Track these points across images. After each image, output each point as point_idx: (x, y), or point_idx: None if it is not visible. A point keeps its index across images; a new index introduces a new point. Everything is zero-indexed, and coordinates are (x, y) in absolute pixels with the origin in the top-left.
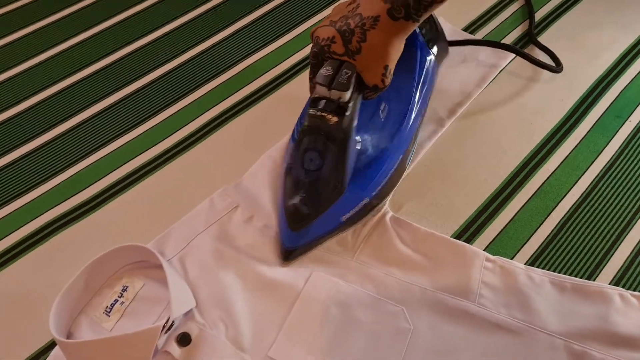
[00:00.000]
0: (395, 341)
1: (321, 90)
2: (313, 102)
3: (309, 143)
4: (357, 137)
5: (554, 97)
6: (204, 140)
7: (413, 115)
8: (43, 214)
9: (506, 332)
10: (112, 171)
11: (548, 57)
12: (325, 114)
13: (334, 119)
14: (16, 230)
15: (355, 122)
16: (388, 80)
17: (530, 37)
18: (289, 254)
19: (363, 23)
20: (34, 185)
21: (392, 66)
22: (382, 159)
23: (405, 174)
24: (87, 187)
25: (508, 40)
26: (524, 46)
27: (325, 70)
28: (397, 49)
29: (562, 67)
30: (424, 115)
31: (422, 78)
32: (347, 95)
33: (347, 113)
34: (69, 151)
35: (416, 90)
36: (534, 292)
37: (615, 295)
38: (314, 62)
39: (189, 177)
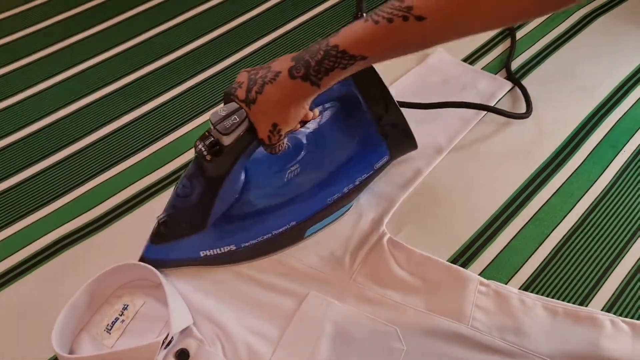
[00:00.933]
0: None
1: (210, 127)
2: (203, 135)
3: (188, 170)
4: (241, 185)
5: (551, 126)
6: None
7: (327, 194)
8: (52, 231)
9: (498, 354)
10: (119, 192)
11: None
12: (204, 150)
13: (209, 157)
14: (27, 245)
15: (234, 168)
16: (275, 139)
17: (507, 72)
18: (142, 259)
19: (266, 76)
20: (45, 203)
21: (282, 127)
22: (265, 216)
23: (396, 205)
24: (95, 206)
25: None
26: (520, 78)
27: (221, 110)
28: (291, 111)
29: (530, 113)
30: (350, 197)
31: (361, 158)
32: (226, 140)
33: (222, 157)
34: (79, 171)
35: (347, 179)
36: (527, 315)
37: (607, 321)
38: (225, 101)
39: None
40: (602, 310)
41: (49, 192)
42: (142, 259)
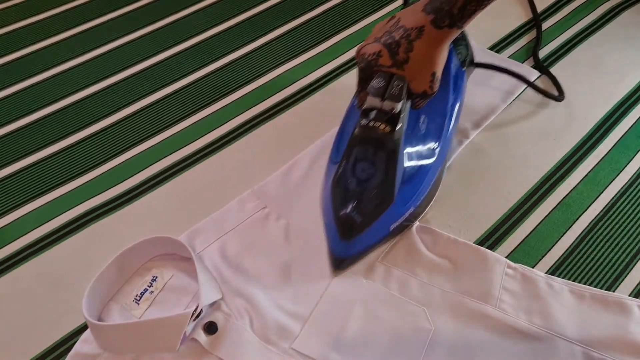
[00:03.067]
0: (416, 340)
1: (373, 102)
2: (364, 113)
3: (361, 153)
4: (403, 153)
5: (578, 114)
6: (236, 141)
7: (450, 128)
8: (83, 202)
9: (525, 337)
10: (149, 166)
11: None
12: (377, 125)
13: (387, 130)
14: (58, 216)
15: (402, 135)
16: (436, 87)
17: (535, 60)
18: (339, 263)
19: (408, 34)
20: (76, 175)
21: (439, 73)
22: (425, 169)
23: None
24: (125, 179)
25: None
26: (548, 67)
27: (376, 82)
28: (443, 55)
29: (564, 97)
30: (453, 137)
31: (457, 93)
32: (399, 106)
33: (399, 123)
34: (110, 145)
35: (452, 104)
36: (554, 299)
37: (635, 307)
38: (362, 77)
39: (220, 177)
40: (629, 296)
41: (80, 165)
42: (337, 261)
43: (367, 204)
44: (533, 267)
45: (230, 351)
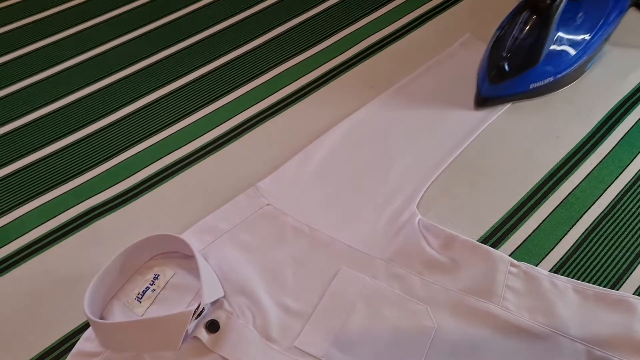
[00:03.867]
0: (419, 339)
1: None
2: None
3: (523, 18)
4: (557, 30)
5: (581, 112)
6: (239, 138)
7: (601, 30)
8: (84, 200)
9: (528, 335)
10: (151, 164)
11: None
12: None
13: (548, 2)
14: (59, 214)
15: (560, 10)
16: None
17: None
18: (483, 101)
19: None
20: (77, 173)
21: None
22: (571, 51)
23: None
24: (127, 177)
25: None
26: None
27: None
28: None
29: None
30: (603, 42)
31: (618, 2)
32: None
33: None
34: (112, 143)
35: (611, 10)
36: (557, 297)
37: (639, 305)
38: None
39: (223, 174)
40: (633, 294)
41: (82, 163)
42: (482, 100)
43: (516, 59)
44: (536, 266)
45: (232, 349)
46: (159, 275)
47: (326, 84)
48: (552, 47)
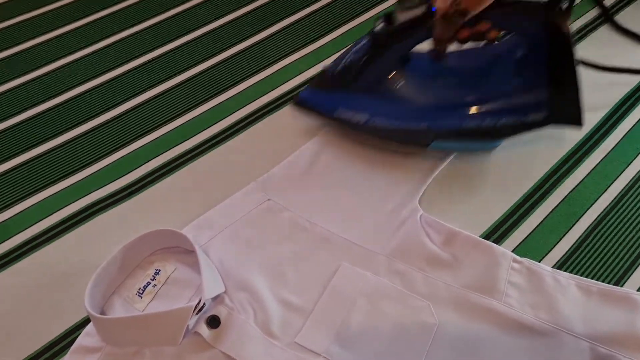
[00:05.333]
0: (421, 335)
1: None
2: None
3: (371, 33)
4: (397, 67)
5: (585, 106)
6: (240, 134)
7: (465, 117)
8: (85, 195)
9: (531, 331)
10: (152, 159)
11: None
12: (381, 19)
13: (381, 24)
14: (60, 209)
15: (395, 45)
16: (451, 12)
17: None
18: (297, 103)
19: None
20: (78, 168)
21: (464, 2)
22: (403, 105)
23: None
24: (128, 172)
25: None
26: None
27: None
28: None
29: None
30: (487, 134)
31: (509, 118)
32: (400, 16)
33: (392, 30)
34: (113, 138)
35: (491, 114)
36: (560, 294)
37: None
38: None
39: (224, 169)
40: (637, 291)
41: (83, 158)
42: (298, 99)
43: (335, 73)
44: (539, 262)
45: (232, 345)
46: (159, 270)
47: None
48: (385, 85)
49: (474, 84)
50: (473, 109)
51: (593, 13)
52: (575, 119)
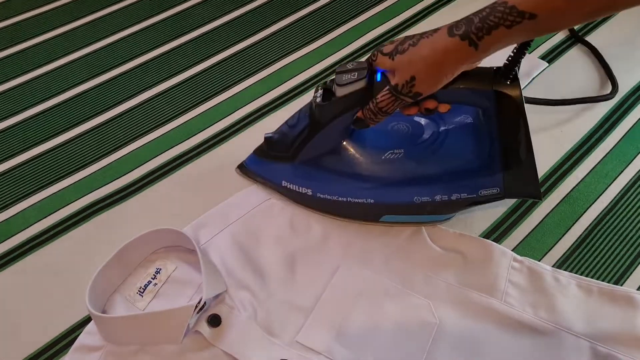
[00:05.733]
0: (421, 334)
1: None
2: (327, 82)
3: (306, 105)
4: (340, 140)
5: (585, 105)
6: (240, 133)
7: (416, 192)
8: (87, 195)
9: (531, 330)
10: (153, 158)
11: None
12: (318, 94)
13: (318, 101)
14: (62, 208)
15: (336, 120)
16: (404, 91)
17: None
18: (242, 168)
19: (425, 33)
20: (79, 168)
21: (418, 84)
22: (348, 180)
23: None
24: (129, 172)
25: (555, 40)
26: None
27: (350, 64)
28: (436, 70)
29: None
30: (441, 209)
31: (461, 193)
32: (339, 91)
33: (329, 105)
34: (113, 138)
35: (443, 189)
36: (560, 293)
37: None
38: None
39: (225, 169)
40: (637, 290)
41: (84, 157)
42: (241, 166)
43: (278, 143)
44: (539, 261)
45: (233, 344)
46: (160, 269)
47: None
48: (329, 159)
49: (423, 158)
50: (423, 184)
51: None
52: (531, 193)
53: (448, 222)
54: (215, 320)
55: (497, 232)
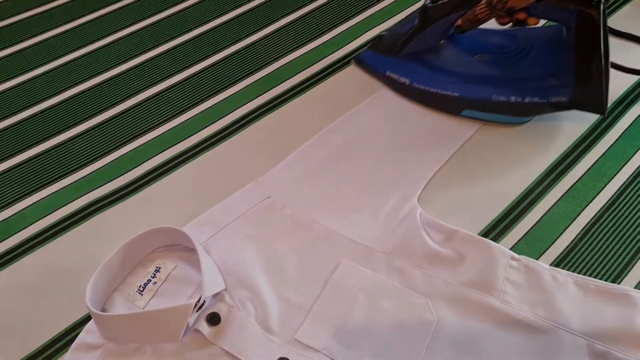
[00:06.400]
0: (419, 332)
1: None
2: None
3: (422, 6)
4: (442, 38)
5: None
6: (240, 132)
7: (494, 91)
8: (88, 192)
9: (529, 328)
10: (152, 157)
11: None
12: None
13: (429, 3)
14: (63, 206)
15: (442, 20)
16: (499, 7)
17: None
18: (357, 61)
19: None
20: (78, 167)
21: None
22: (440, 74)
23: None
24: (128, 171)
25: None
26: None
27: None
28: None
29: None
30: (515, 109)
31: (533, 97)
32: None
33: (438, 5)
34: (113, 137)
35: (518, 91)
36: (558, 291)
37: None
38: None
39: (224, 168)
40: (635, 288)
41: (84, 157)
42: (357, 59)
43: (389, 39)
44: (537, 259)
45: (232, 342)
46: (160, 268)
47: (327, 78)
48: (429, 54)
49: (507, 62)
50: (502, 85)
51: None
52: (596, 108)
53: (447, 218)
54: (214, 319)
55: (495, 231)
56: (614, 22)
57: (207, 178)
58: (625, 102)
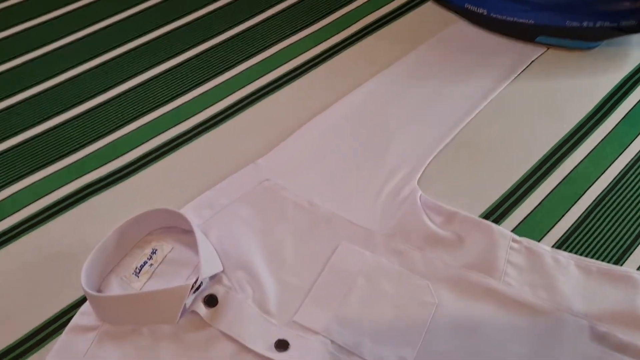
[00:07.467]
0: (420, 314)
1: None
2: None
3: None
4: None
5: (584, 88)
6: (238, 114)
7: (568, 17)
8: (83, 176)
9: (531, 310)
10: (148, 140)
11: None
12: None
13: None
14: (57, 189)
15: None
16: None
17: None
18: None
19: None
20: (73, 150)
21: None
22: (515, 4)
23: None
24: (124, 154)
25: None
26: None
27: None
28: None
29: None
30: (588, 34)
31: (604, 21)
32: None
33: None
34: (107, 120)
35: (590, 15)
36: (560, 273)
37: None
38: None
39: (221, 151)
40: (637, 270)
41: (78, 139)
42: None
43: None
44: (539, 242)
45: (230, 324)
46: (156, 249)
47: (326, 62)
48: None
49: None
50: (575, 10)
51: None
52: None
53: (447, 200)
54: (211, 301)
55: (496, 213)
56: None
57: (205, 161)
58: (627, 86)
